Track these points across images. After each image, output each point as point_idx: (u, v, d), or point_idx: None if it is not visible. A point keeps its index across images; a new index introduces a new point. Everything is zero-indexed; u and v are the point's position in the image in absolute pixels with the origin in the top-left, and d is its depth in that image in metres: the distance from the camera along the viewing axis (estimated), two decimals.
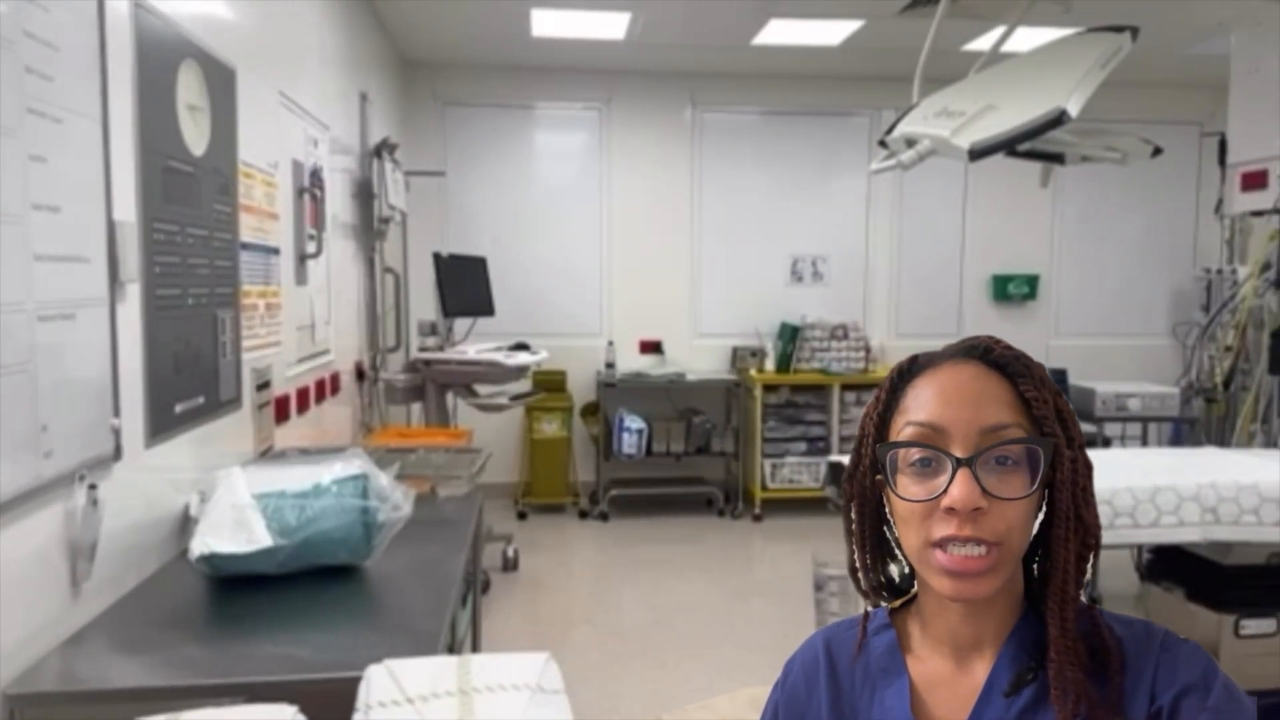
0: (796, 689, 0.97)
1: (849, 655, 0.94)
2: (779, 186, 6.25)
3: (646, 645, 3.83)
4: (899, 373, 0.91)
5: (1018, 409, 0.84)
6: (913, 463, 0.84)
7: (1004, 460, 0.81)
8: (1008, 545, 0.80)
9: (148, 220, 1.95)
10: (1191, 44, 4.97)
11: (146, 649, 1.57)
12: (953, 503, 0.79)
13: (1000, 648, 0.86)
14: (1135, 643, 0.83)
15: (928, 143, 2.79)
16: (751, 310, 6.18)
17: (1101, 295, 6.45)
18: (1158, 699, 0.79)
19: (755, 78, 6.11)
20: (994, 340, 0.90)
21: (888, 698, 0.89)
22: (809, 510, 5.56)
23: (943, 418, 0.83)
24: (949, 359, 0.89)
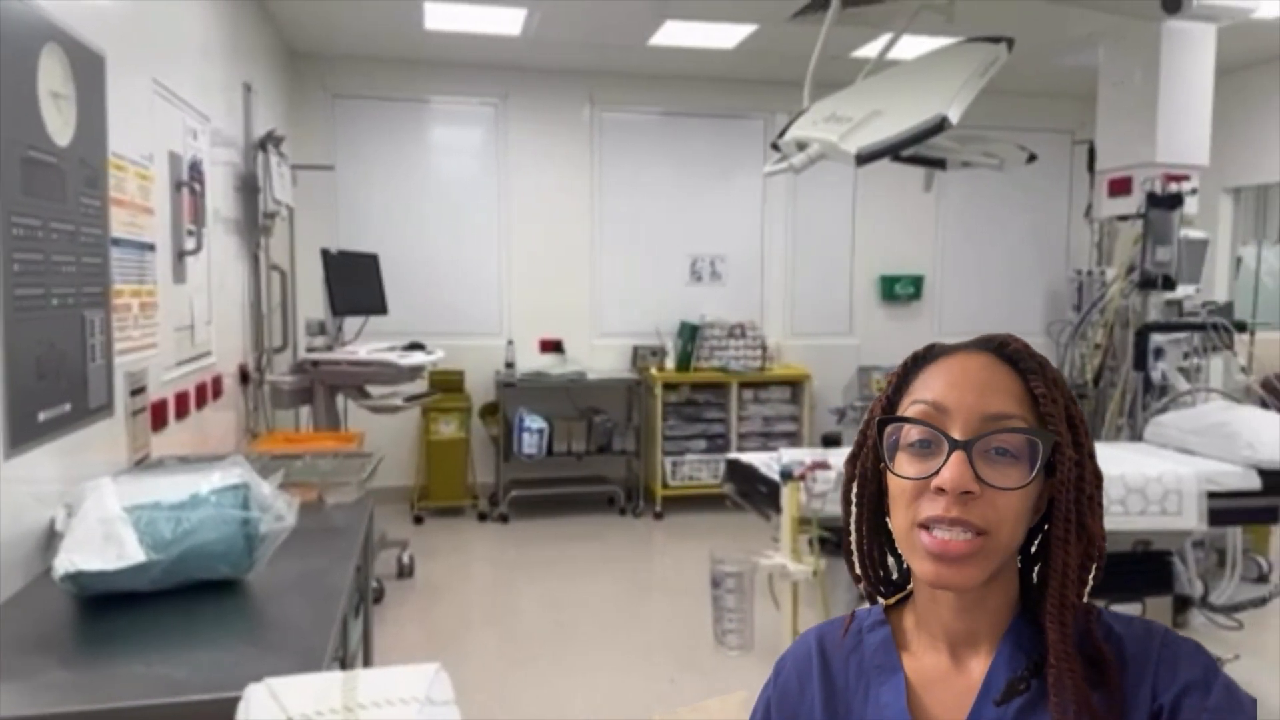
0: (788, 686, 0.95)
1: (843, 652, 0.93)
2: (678, 187, 6.30)
3: (548, 647, 3.80)
4: (913, 359, 0.91)
5: (1024, 403, 0.83)
6: (912, 443, 0.83)
7: (1003, 451, 0.80)
8: (995, 536, 0.79)
9: (5, 214, 1.82)
10: (1063, 56, 5.24)
11: (7, 675, 1.46)
12: (943, 483, 0.79)
13: (998, 645, 0.84)
14: (1135, 641, 0.82)
15: (818, 147, 2.85)
16: (652, 309, 6.22)
17: (982, 295, 6.75)
18: (1159, 697, 0.78)
19: (653, 78, 6.15)
20: (1011, 337, 0.89)
21: (883, 695, 0.88)
22: (709, 507, 5.62)
23: (947, 399, 0.83)
24: (963, 349, 0.88)
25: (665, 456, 5.91)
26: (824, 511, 2.71)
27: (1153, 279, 3.90)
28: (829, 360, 6.23)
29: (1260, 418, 3.28)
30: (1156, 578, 3.23)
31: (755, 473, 3.07)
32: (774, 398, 6.11)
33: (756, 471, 3.06)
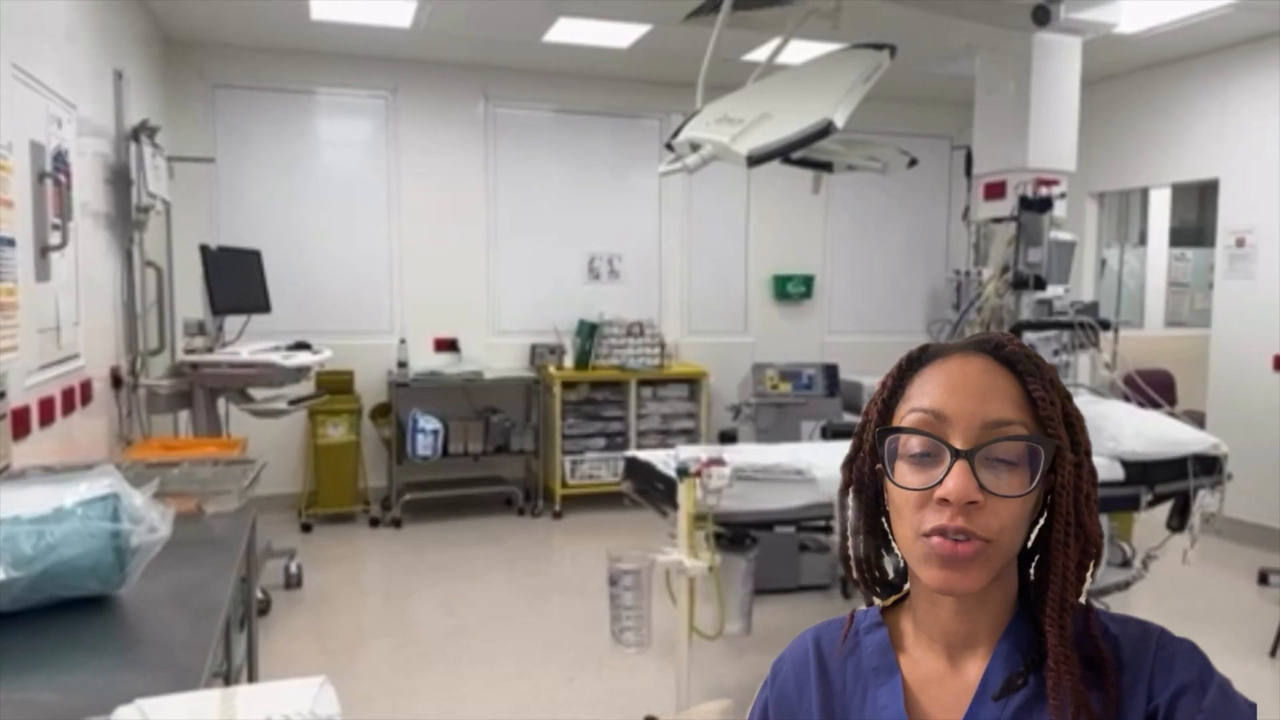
0: (786, 688, 0.94)
1: (840, 654, 0.92)
2: (575, 184, 6.29)
3: (444, 653, 3.74)
4: (907, 361, 0.89)
5: (1023, 407, 0.82)
6: (913, 453, 0.82)
7: (1004, 458, 0.80)
8: (998, 544, 0.79)
9: None
10: (942, 64, 5.45)
11: None
12: (947, 494, 0.78)
13: (995, 646, 0.84)
14: (1131, 642, 0.82)
15: (710, 148, 2.89)
16: (550, 308, 6.18)
17: (869, 294, 6.97)
18: (1155, 698, 0.78)
19: (549, 75, 6.11)
20: (1007, 337, 0.87)
21: (880, 697, 0.87)
22: (609, 505, 5.63)
23: (947, 406, 0.82)
24: (959, 351, 0.86)
25: (564, 455, 5.89)
26: (720, 507, 2.75)
27: (1025, 279, 4.10)
28: (725, 358, 6.33)
29: (1123, 412, 3.50)
30: None
31: (653, 470, 3.09)
32: (672, 395, 6.17)
33: (654, 469, 3.08)
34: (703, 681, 3.41)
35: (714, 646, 3.31)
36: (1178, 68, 5.67)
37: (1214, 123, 5.47)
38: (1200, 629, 4.00)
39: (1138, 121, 5.98)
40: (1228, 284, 5.40)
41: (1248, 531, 4.99)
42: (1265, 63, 5.14)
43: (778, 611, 4.21)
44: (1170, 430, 3.28)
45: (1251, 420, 5.04)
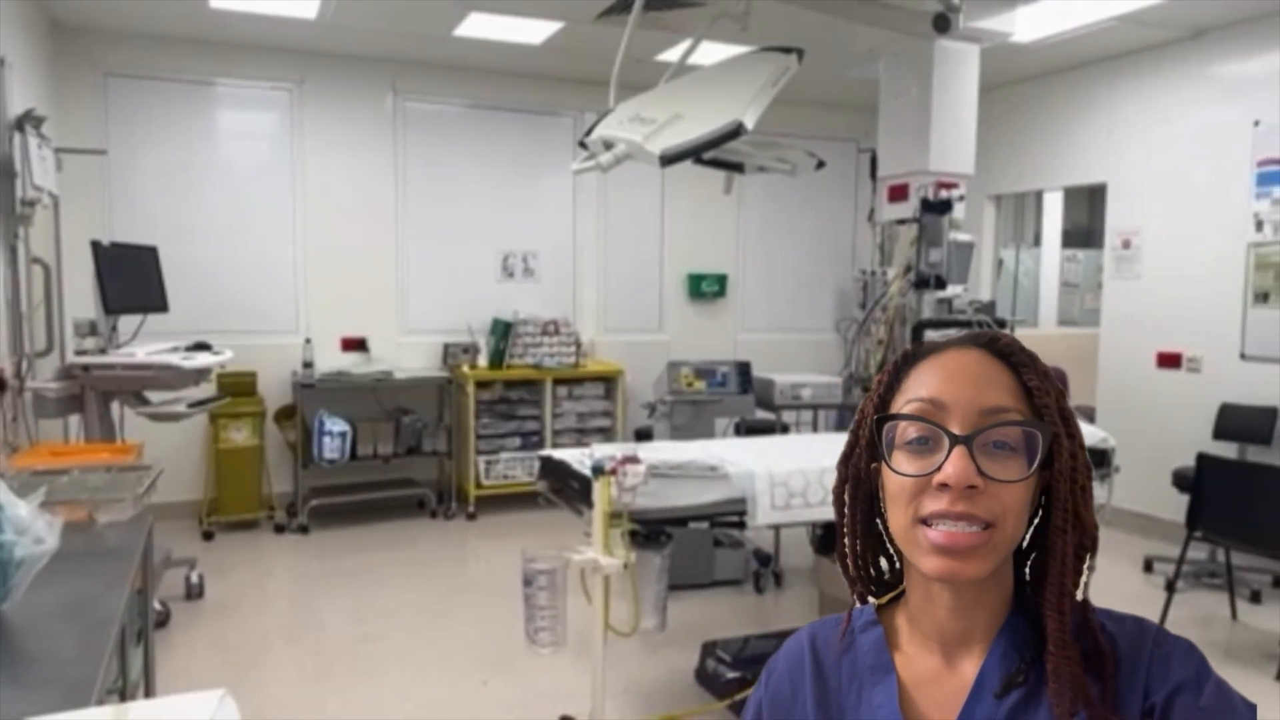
0: (781, 687, 0.94)
1: (835, 653, 0.92)
2: (488, 181, 6.22)
3: (355, 660, 3.65)
4: (903, 357, 0.90)
5: (1019, 396, 0.83)
6: (910, 440, 0.83)
7: (1002, 444, 0.80)
8: (1000, 529, 0.79)
9: None
10: (849, 69, 5.60)
11: None
12: (947, 478, 0.78)
13: (990, 644, 0.84)
14: (1128, 640, 0.82)
15: (624, 146, 2.90)
16: (462, 306, 6.11)
17: (780, 293, 7.11)
18: (1151, 696, 0.78)
19: (460, 70, 6.03)
20: (1000, 332, 0.89)
21: (876, 696, 0.87)
22: (524, 506, 5.59)
23: (944, 394, 0.82)
24: (954, 345, 0.87)
25: (478, 456, 5.83)
26: (635, 505, 2.76)
27: (926, 279, 4.25)
28: (641, 356, 6.35)
29: None
30: None
31: (568, 469, 3.08)
32: (588, 394, 6.17)
33: (569, 468, 3.07)
34: (618, 679, 3.42)
35: (629, 643, 3.32)
36: (1069, 76, 5.94)
37: (1102, 129, 5.76)
38: None
39: (1032, 127, 6.25)
40: (1115, 284, 5.70)
41: (1134, 521, 5.27)
42: (1149, 73, 5.43)
43: (692, 607, 4.26)
44: None
45: (1137, 414, 5.32)
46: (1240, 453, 4.72)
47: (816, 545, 3.80)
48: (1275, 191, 4.72)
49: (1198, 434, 4.81)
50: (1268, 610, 4.23)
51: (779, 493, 2.98)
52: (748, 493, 2.95)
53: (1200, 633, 3.93)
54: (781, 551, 4.74)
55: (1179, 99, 5.27)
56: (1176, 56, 5.26)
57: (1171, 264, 5.30)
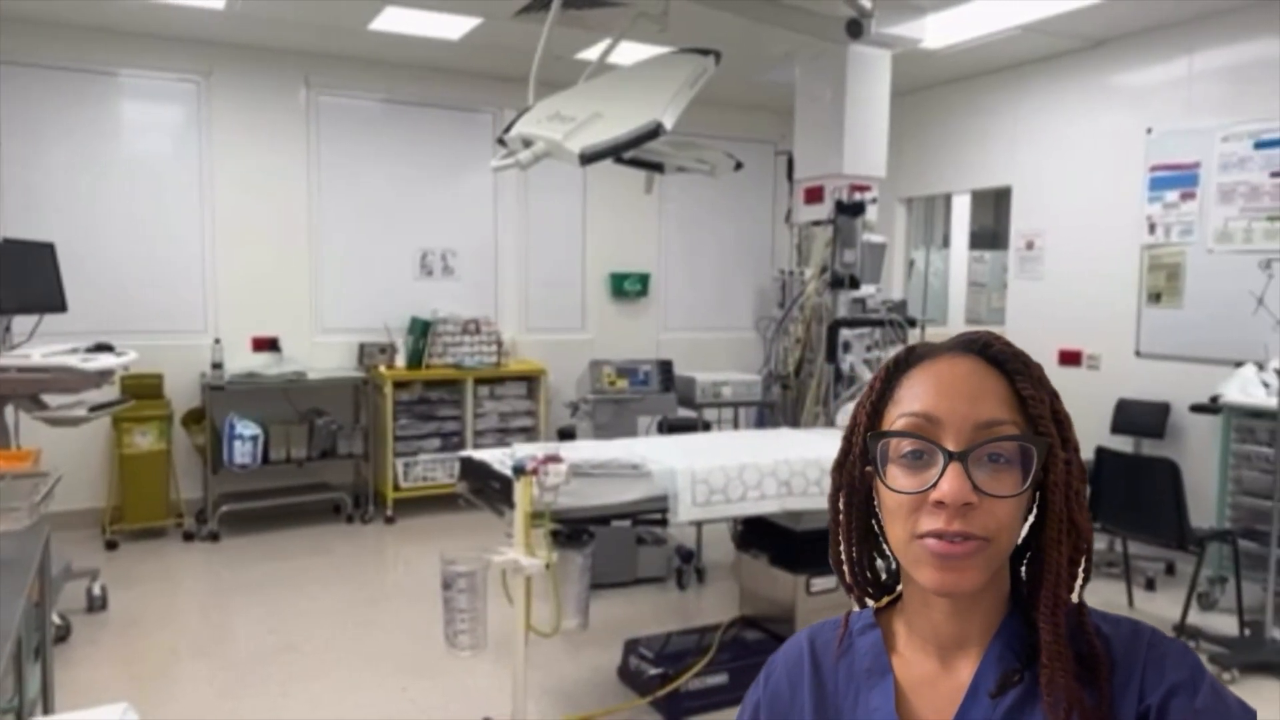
0: (779, 689, 0.93)
1: (833, 655, 0.92)
2: (406, 177, 6.11)
3: (269, 672, 3.55)
4: (894, 363, 0.89)
5: (1013, 406, 0.82)
6: (904, 454, 0.82)
7: (996, 458, 0.80)
8: (996, 543, 0.79)
9: None
10: (766, 72, 5.69)
11: None
12: (942, 496, 0.78)
13: (986, 647, 0.84)
14: (1122, 642, 0.82)
15: (543, 144, 2.89)
16: (379, 304, 5.99)
17: (701, 293, 7.17)
18: (1146, 698, 0.78)
19: (376, 64, 5.92)
20: (994, 336, 0.87)
21: (873, 699, 0.87)
22: (445, 508, 5.52)
23: (937, 408, 0.81)
24: (946, 352, 0.86)
25: (397, 458, 5.72)
26: (557, 504, 2.76)
27: (841, 279, 4.35)
28: (564, 355, 6.32)
29: None
30: None
31: (489, 470, 3.05)
32: (510, 394, 6.12)
33: (490, 468, 3.05)
34: (541, 679, 3.41)
35: (552, 644, 3.32)
36: (977, 83, 6.15)
37: (1007, 134, 5.98)
38: None
39: (941, 132, 6.45)
40: (1019, 284, 5.92)
41: None
42: (1051, 81, 5.66)
43: (615, 605, 4.27)
44: None
45: None
46: (1136, 446, 4.96)
47: (738, 541, 3.86)
48: (1166, 196, 4.97)
49: (1097, 428, 5.04)
50: (1162, 597, 4.45)
51: (700, 490, 3.01)
52: (669, 490, 2.97)
53: None
54: (704, 548, 4.79)
55: (1078, 106, 5.51)
56: (1076, 66, 5.49)
57: (1072, 265, 5.54)
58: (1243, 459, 4.16)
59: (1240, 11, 4.62)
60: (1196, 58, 4.87)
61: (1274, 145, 4.48)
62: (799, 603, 3.46)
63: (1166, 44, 5.00)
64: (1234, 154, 4.65)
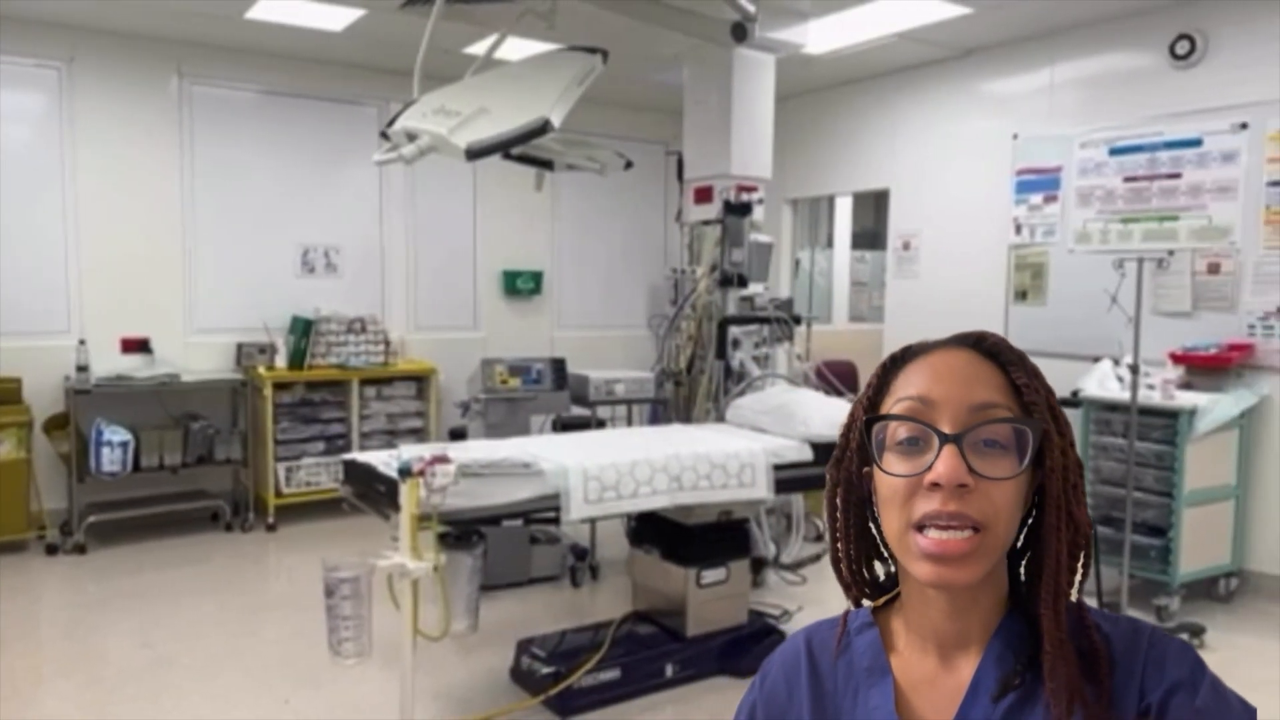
0: (776, 689, 0.93)
1: (831, 655, 0.91)
2: (286, 171, 5.90)
3: (140, 688, 3.37)
4: (891, 360, 0.89)
5: (1009, 394, 0.83)
6: (900, 441, 0.82)
7: (992, 442, 0.80)
8: (993, 530, 0.78)
9: None
10: (655, 73, 5.74)
11: None
12: (937, 477, 0.77)
13: (986, 645, 0.84)
14: (1123, 640, 0.82)
15: (428, 138, 2.84)
16: (258, 303, 5.76)
17: (595, 291, 7.18)
18: (1147, 696, 0.78)
19: (254, 54, 5.69)
20: (987, 332, 0.88)
21: (872, 698, 0.86)
22: (330, 513, 5.36)
23: (933, 392, 0.82)
24: (941, 346, 0.87)
25: (278, 463, 5.52)
26: (445, 505, 2.71)
27: (730, 277, 4.43)
28: (454, 354, 6.22)
29: (811, 398, 3.88)
30: (738, 543, 3.69)
31: (373, 472, 2.99)
32: (399, 394, 5.98)
33: (375, 471, 2.98)
34: (431, 684, 3.35)
35: (442, 648, 3.26)
36: (857, 88, 6.37)
37: (885, 138, 6.21)
38: None
39: (824, 135, 6.65)
40: (896, 283, 6.16)
41: None
42: (925, 87, 5.91)
43: (509, 606, 4.24)
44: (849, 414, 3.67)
45: None
46: None
47: (631, 537, 3.89)
48: (1031, 199, 5.26)
49: None
50: None
51: (593, 487, 3.02)
52: (561, 488, 2.97)
53: None
54: (598, 545, 4.80)
55: (951, 112, 5.77)
56: (949, 73, 5.75)
57: (945, 264, 5.80)
58: (1100, 450, 4.42)
59: (1097, 25, 4.93)
60: (1058, 68, 5.17)
61: (1127, 152, 4.80)
62: (690, 595, 3.51)
63: (1030, 54, 5.29)
64: (1091, 159, 4.96)
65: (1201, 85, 4.52)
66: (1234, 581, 4.35)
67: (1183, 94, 4.58)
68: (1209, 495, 4.20)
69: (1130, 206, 4.79)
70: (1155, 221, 4.68)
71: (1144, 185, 4.73)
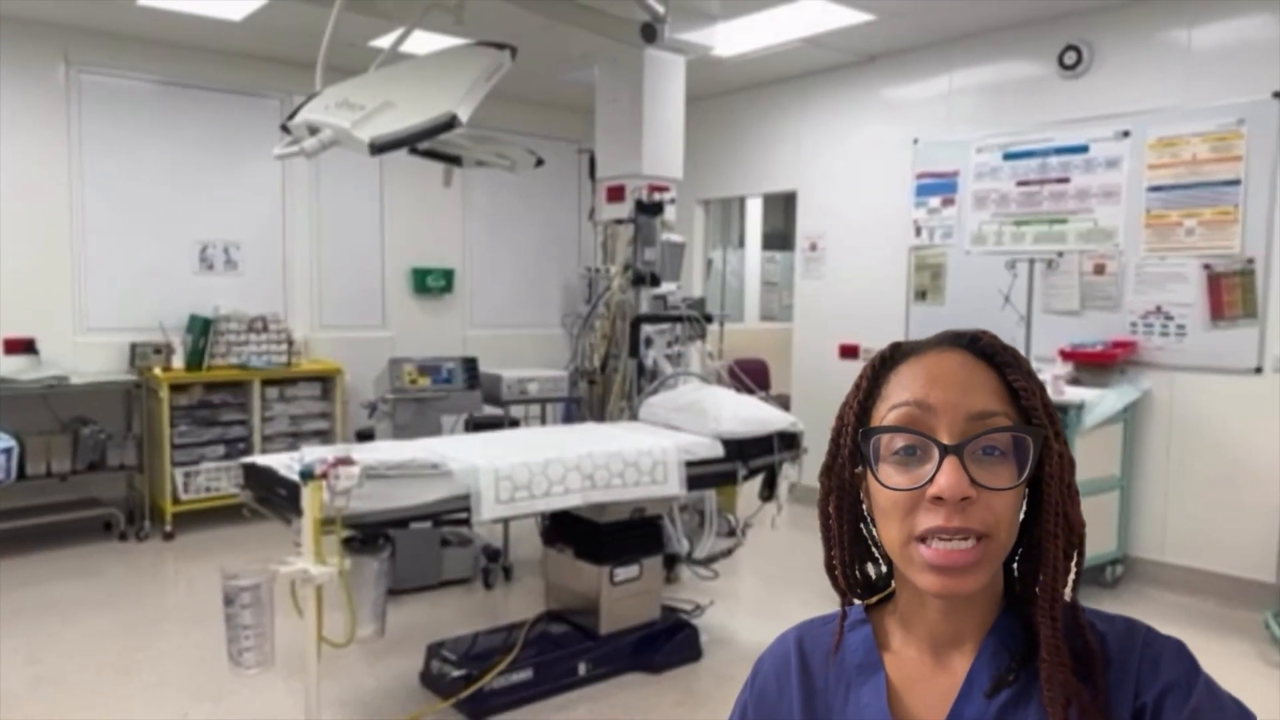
0: (767, 688, 0.92)
1: (823, 653, 0.90)
2: (183, 165, 5.67)
3: (25, 709, 3.19)
4: (880, 360, 0.87)
5: (1005, 398, 0.81)
6: (896, 451, 0.80)
7: (991, 450, 0.78)
8: (995, 538, 0.78)
9: None
10: (567, 72, 5.72)
11: None
12: (940, 491, 0.76)
13: (980, 644, 0.83)
14: (1118, 640, 0.81)
15: (330, 132, 2.77)
16: (153, 301, 5.52)
17: (508, 289, 7.12)
18: (1141, 695, 0.78)
19: (149, 43, 5.45)
20: (981, 331, 0.86)
21: (864, 695, 0.85)
22: (231, 520, 5.16)
23: (930, 397, 0.79)
24: (934, 346, 0.85)
25: (175, 468, 5.29)
26: (350, 509, 2.65)
27: (642, 276, 4.45)
28: (362, 353, 6.07)
29: (723, 396, 3.93)
30: (651, 540, 3.71)
31: (274, 476, 2.89)
32: (303, 395, 5.82)
33: (275, 474, 2.89)
34: (338, 692, 3.28)
35: (349, 655, 3.20)
36: (766, 91, 6.47)
37: (793, 141, 6.33)
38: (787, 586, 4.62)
39: (735, 137, 6.74)
40: (804, 283, 6.29)
41: None
42: (830, 92, 6.05)
43: (419, 609, 4.17)
44: (759, 412, 3.74)
45: (825, 400, 5.82)
46: None
47: (544, 537, 3.87)
48: (930, 201, 5.44)
49: None
50: None
51: (504, 486, 2.99)
52: (472, 489, 2.93)
53: None
54: (511, 546, 4.76)
55: (854, 117, 5.92)
56: (852, 79, 5.90)
57: (850, 265, 5.95)
58: None
59: (992, 34, 5.13)
60: (956, 75, 5.37)
61: (1020, 157, 5.01)
62: (604, 593, 3.52)
63: (930, 62, 5.47)
64: (986, 164, 5.16)
65: (1088, 94, 4.75)
66: (1119, 568, 4.59)
67: (1071, 102, 4.81)
68: (1096, 486, 4.42)
69: (1023, 209, 5.00)
70: (1046, 224, 4.90)
71: (1035, 189, 4.95)
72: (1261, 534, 4.08)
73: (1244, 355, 4.25)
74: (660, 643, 3.60)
